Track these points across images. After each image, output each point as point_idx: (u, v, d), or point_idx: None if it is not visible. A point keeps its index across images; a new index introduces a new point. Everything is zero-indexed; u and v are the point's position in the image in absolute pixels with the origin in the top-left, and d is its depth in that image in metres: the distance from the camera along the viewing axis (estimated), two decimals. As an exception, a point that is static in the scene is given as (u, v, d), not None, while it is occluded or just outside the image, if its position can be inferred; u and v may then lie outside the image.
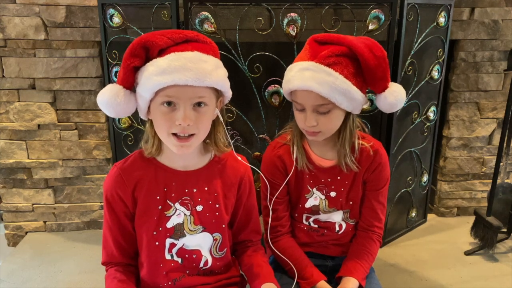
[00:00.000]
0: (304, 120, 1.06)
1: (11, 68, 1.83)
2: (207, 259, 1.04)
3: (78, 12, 1.77)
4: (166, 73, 0.83)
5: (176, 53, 0.85)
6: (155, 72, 0.84)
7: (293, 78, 1.04)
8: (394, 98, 1.06)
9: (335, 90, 0.99)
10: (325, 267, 1.23)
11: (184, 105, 0.86)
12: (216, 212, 1.02)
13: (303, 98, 1.04)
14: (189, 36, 0.88)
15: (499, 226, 1.80)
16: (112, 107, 0.88)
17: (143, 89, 0.87)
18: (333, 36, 1.04)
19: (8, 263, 1.82)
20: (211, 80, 0.87)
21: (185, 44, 0.87)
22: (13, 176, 1.98)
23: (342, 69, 1.00)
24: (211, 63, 0.88)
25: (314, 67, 1.00)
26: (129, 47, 0.86)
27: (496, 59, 1.99)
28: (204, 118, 0.90)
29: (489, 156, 2.14)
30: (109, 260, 1.02)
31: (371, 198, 1.19)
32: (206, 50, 0.89)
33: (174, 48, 0.86)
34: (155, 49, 0.85)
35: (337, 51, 1.00)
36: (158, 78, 0.84)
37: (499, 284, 1.67)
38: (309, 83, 1.00)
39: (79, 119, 1.93)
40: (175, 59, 0.84)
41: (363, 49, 1.00)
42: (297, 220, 1.24)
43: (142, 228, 0.99)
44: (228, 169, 1.04)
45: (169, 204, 0.98)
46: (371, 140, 1.18)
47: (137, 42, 0.85)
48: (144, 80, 0.86)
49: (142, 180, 0.97)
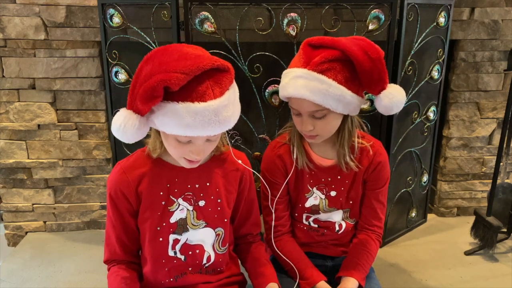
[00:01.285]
0: (301, 124, 1.06)
1: (11, 68, 1.83)
2: (209, 254, 1.05)
3: (78, 12, 1.77)
4: (190, 127, 0.83)
5: (200, 105, 0.81)
6: (177, 123, 0.82)
7: (287, 86, 1.04)
8: (389, 101, 1.02)
9: (329, 97, 0.99)
10: (325, 267, 1.24)
11: (200, 143, 0.89)
12: (218, 207, 1.04)
13: (298, 105, 1.04)
14: (208, 67, 0.82)
15: (499, 226, 1.80)
16: (129, 136, 0.86)
17: (160, 124, 0.85)
18: (327, 39, 1.02)
19: (8, 263, 1.82)
20: (231, 125, 0.89)
21: (206, 80, 0.82)
22: (13, 176, 1.98)
23: (335, 74, 0.99)
24: (231, 103, 0.87)
25: (307, 75, 0.99)
26: (149, 86, 0.79)
27: (496, 59, 1.99)
28: (214, 145, 0.94)
29: (489, 156, 2.14)
30: (111, 258, 1.03)
31: (371, 198, 1.19)
32: (225, 83, 0.86)
33: (195, 86, 0.82)
34: (175, 88, 0.81)
35: (330, 56, 0.99)
36: (180, 130, 0.84)
37: (499, 284, 1.66)
38: (302, 92, 1.00)
39: (79, 119, 1.93)
40: (199, 112, 0.81)
41: (357, 52, 0.98)
42: (297, 219, 1.24)
43: (146, 224, 1.00)
44: (229, 165, 1.06)
45: (172, 199, 1.00)
46: (370, 139, 1.17)
47: (157, 83, 0.79)
48: (164, 121, 0.84)
49: (145, 177, 0.98)
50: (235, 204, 1.09)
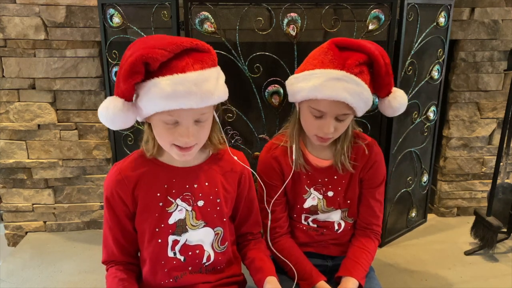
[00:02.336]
0: (320, 127, 1.05)
1: (11, 68, 1.83)
2: (209, 254, 1.05)
3: (78, 12, 1.77)
4: (171, 98, 0.83)
5: (180, 76, 0.83)
6: (159, 95, 0.83)
7: (322, 87, 1.00)
8: (398, 103, 1.08)
9: (361, 99, 1.01)
10: (325, 267, 1.24)
11: (187, 123, 0.88)
12: (217, 206, 1.04)
13: (329, 107, 1.02)
14: (187, 45, 0.86)
15: (499, 226, 1.80)
16: (115, 121, 0.87)
17: (145, 105, 0.86)
18: (353, 42, 1.03)
19: (8, 263, 1.82)
20: (214, 99, 0.88)
21: (185, 57, 0.85)
22: (13, 176, 1.98)
23: (365, 77, 1.01)
24: (213, 78, 0.88)
25: (346, 77, 0.99)
26: (129, 63, 0.82)
27: (496, 59, 1.99)
28: (205, 130, 0.93)
29: (489, 156, 2.14)
30: (109, 259, 1.03)
31: (368, 196, 1.20)
32: (206, 61, 0.87)
33: (175, 62, 0.84)
34: (155, 64, 0.83)
35: (361, 59, 1.00)
36: (162, 103, 0.84)
37: (499, 284, 1.66)
38: (343, 94, 0.99)
39: (79, 119, 1.93)
40: (179, 82, 0.83)
41: (379, 56, 1.01)
42: (296, 220, 1.24)
43: (144, 225, 0.99)
44: (227, 164, 1.05)
45: (170, 200, 0.99)
46: (365, 138, 1.18)
47: (137, 58, 0.81)
48: (147, 99, 0.85)
49: (142, 179, 0.98)
50: (235, 204, 1.09)
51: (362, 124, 1.70)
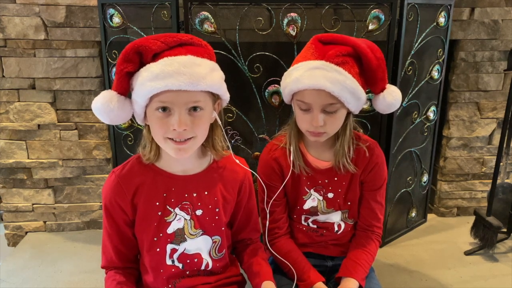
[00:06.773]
0: (309, 121, 1.05)
1: (11, 68, 1.83)
2: (207, 262, 1.04)
3: (78, 12, 1.77)
4: (159, 78, 0.82)
5: (169, 58, 0.83)
6: (148, 77, 0.83)
7: (302, 77, 1.01)
8: (393, 99, 1.07)
9: (345, 89, 0.99)
10: (324, 267, 1.24)
11: (179, 110, 0.85)
12: (216, 216, 1.02)
13: (313, 98, 1.02)
14: (183, 40, 0.86)
15: (499, 226, 1.80)
16: (106, 113, 0.87)
17: (137, 94, 0.86)
18: (337, 36, 1.04)
19: (8, 263, 1.82)
20: (206, 84, 0.85)
21: (179, 48, 0.86)
22: (13, 176, 1.98)
23: (349, 68, 1.00)
24: (206, 66, 0.87)
25: (325, 66, 0.99)
26: (122, 52, 0.84)
27: (496, 59, 1.99)
28: (200, 122, 0.89)
29: (489, 156, 2.14)
30: (108, 265, 1.02)
31: (369, 198, 1.19)
32: (201, 53, 0.87)
33: (168, 52, 0.85)
34: (148, 53, 0.83)
35: (344, 51, 1.00)
36: (151, 83, 0.83)
37: (499, 284, 1.66)
38: (321, 82, 0.99)
39: (79, 119, 1.93)
40: (168, 63, 0.83)
41: (366, 49, 1.01)
42: (295, 221, 1.24)
43: (143, 234, 0.99)
44: (228, 173, 1.03)
45: (169, 209, 0.98)
46: (367, 140, 1.18)
47: (130, 47, 0.83)
48: (138, 86, 0.85)
49: (141, 187, 0.96)
50: (234, 212, 1.08)
51: (362, 124, 1.70)
